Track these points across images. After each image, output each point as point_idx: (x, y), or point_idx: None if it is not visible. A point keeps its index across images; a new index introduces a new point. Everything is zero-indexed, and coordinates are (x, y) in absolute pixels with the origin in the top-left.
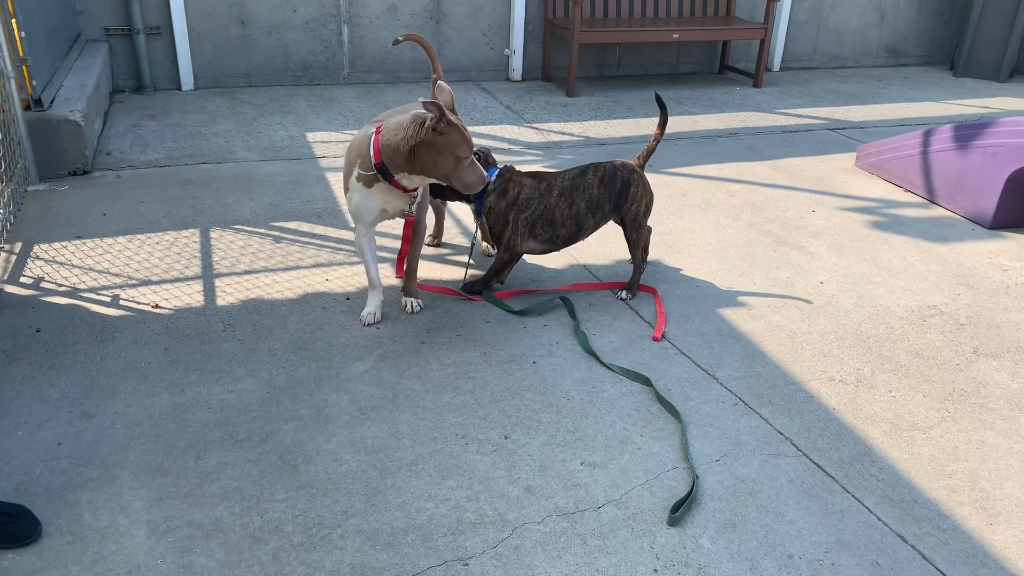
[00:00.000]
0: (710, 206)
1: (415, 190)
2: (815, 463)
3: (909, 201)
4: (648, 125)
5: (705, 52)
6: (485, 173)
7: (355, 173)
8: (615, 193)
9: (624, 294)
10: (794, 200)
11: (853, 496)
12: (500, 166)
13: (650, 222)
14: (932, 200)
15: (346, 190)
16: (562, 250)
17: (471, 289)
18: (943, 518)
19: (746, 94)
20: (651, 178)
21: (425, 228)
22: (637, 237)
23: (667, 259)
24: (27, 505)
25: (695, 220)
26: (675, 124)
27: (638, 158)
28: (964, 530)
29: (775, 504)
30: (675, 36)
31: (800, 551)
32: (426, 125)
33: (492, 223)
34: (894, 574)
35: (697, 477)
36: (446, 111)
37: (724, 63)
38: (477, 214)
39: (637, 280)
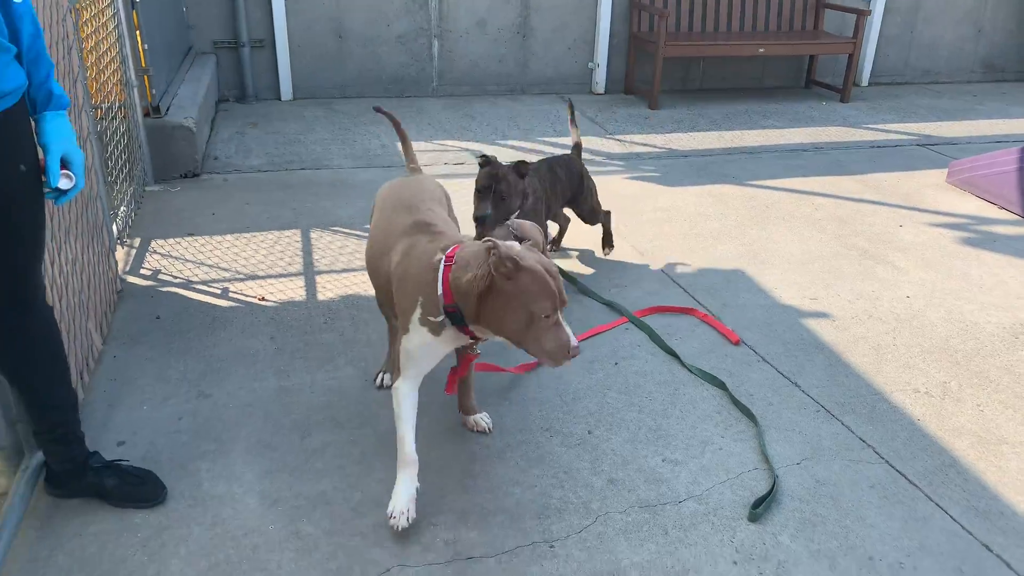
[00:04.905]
0: (794, 218)
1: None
2: (898, 471)
3: (1003, 218)
4: (731, 138)
5: (791, 66)
6: (571, 337)
7: (417, 314)
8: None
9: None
10: (881, 215)
11: (937, 505)
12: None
13: (733, 232)
14: None
15: (403, 330)
16: (648, 259)
17: None
18: None
19: (833, 109)
20: (734, 189)
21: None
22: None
23: (750, 268)
24: (153, 471)
25: (779, 232)
26: (759, 137)
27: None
28: None
29: (856, 507)
30: (760, 50)
31: (881, 553)
32: (489, 265)
33: (536, 223)
34: None
35: (777, 477)
36: (510, 249)
37: (810, 78)
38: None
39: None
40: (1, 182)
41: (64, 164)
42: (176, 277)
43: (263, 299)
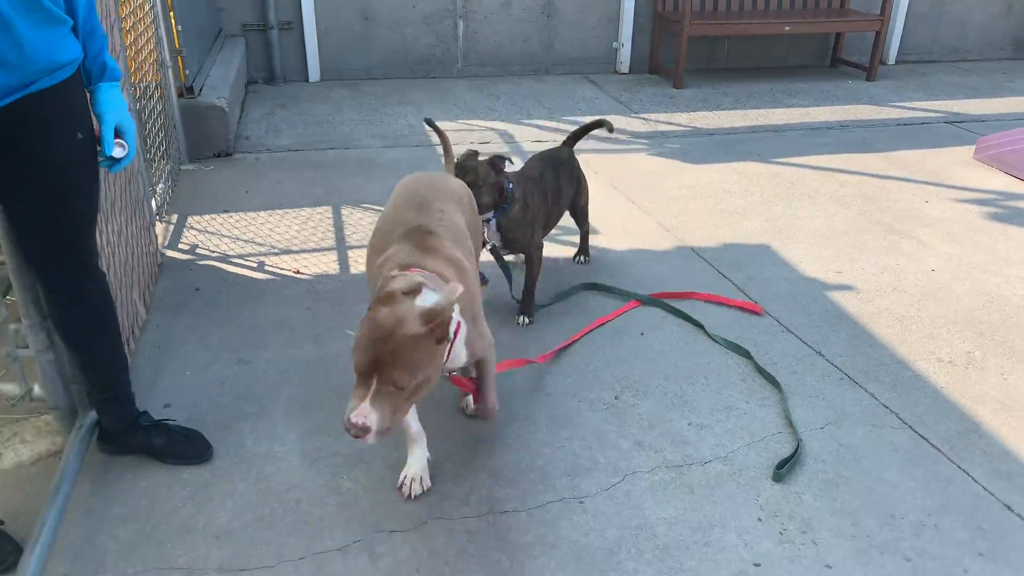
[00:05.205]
0: (819, 195)
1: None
2: (920, 435)
3: None
4: (756, 117)
5: (817, 45)
6: (353, 413)
7: None
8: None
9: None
10: (907, 191)
11: (958, 467)
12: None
13: (758, 208)
14: None
15: None
16: (673, 235)
17: (530, 312)
18: None
19: (859, 87)
20: (759, 167)
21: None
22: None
23: (775, 243)
24: (199, 431)
25: (804, 208)
26: (784, 116)
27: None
28: None
29: (878, 469)
30: (786, 28)
31: (903, 512)
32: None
33: (517, 234)
34: (998, 538)
35: (801, 441)
36: (388, 291)
37: (836, 56)
38: (496, 228)
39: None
40: (59, 150)
41: (117, 133)
42: (213, 251)
43: (298, 272)
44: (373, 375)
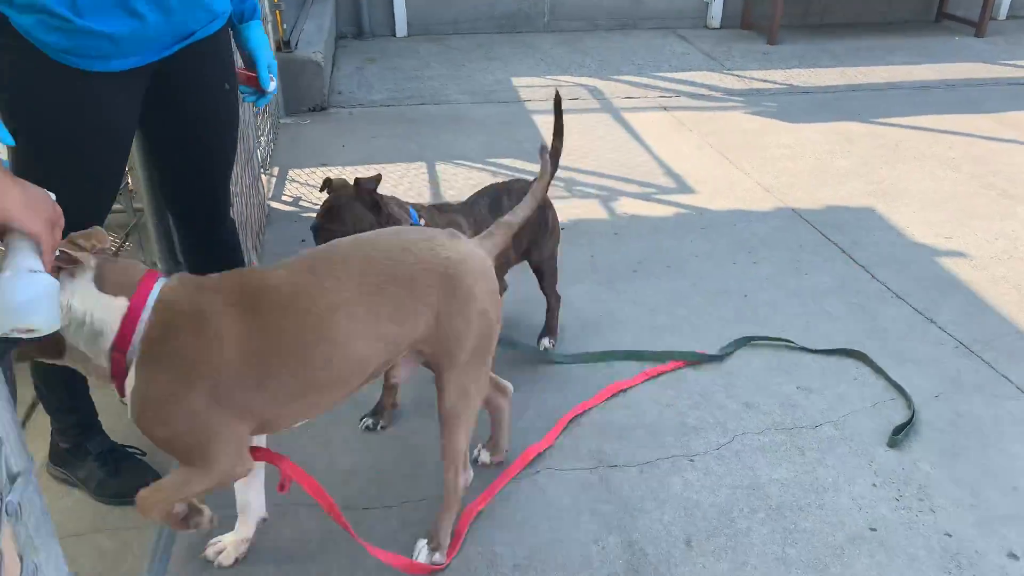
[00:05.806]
0: (926, 157)
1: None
2: None
3: None
4: (855, 75)
5: None
6: None
7: None
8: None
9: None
10: (1021, 154)
11: None
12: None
13: (860, 170)
14: None
15: None
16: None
17: None
18: None
19: (966, 44)
20: (859, 127)
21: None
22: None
23: (880, 206)
24: None
25: (909, 171)
26: (885, 74)
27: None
28: None
29: (998, 440)
30: None
31: None
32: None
33: None
34: None
35: (915, 408)
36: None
37: (942, 11)
38: None
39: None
40: (209, 101)
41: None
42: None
43: None
44: None
